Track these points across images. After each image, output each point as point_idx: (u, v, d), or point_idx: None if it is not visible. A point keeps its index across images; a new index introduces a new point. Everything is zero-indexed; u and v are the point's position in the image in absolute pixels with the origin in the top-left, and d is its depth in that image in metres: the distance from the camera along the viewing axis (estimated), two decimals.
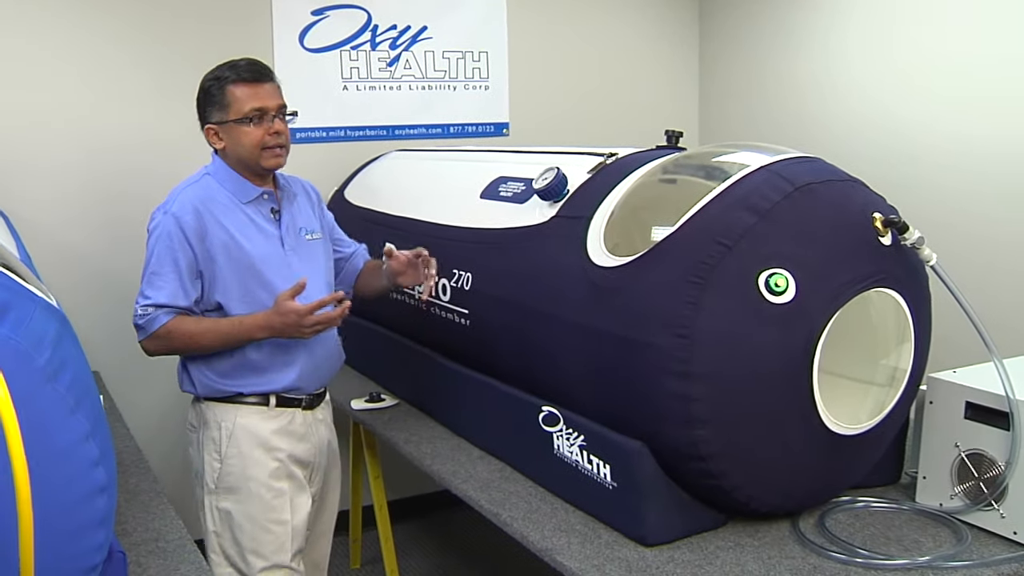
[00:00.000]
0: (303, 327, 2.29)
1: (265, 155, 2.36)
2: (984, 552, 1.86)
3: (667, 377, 1.87)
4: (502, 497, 2.24)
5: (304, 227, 2.51)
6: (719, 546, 1.94)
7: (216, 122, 2.37)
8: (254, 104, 2.33)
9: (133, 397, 3.40)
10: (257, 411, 2.41)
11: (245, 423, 2.40)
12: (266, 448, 2.41)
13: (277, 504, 2.42)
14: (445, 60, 4.05)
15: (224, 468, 2.40)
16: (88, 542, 1.33)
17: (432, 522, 4.13)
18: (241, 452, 2.39)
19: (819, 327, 1.86)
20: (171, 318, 2.30)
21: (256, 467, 2.40)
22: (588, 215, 2.22)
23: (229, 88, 2.34)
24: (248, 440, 2.39)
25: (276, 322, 2.29)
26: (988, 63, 3.16)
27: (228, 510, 2.41)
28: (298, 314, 2.27)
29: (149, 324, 2.30)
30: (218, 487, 2.41)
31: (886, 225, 1.95)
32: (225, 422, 2.40)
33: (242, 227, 2.37)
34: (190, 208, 2.32)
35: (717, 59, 4.49)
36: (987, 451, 1.92)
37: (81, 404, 1.31)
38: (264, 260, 2.37)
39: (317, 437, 2.54)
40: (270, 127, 2.34)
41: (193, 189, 2.37)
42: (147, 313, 2.30)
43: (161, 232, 2.32)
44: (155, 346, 2.34)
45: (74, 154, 3.41)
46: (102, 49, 3.42)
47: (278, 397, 2.43)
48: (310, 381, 2.48)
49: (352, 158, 3.82)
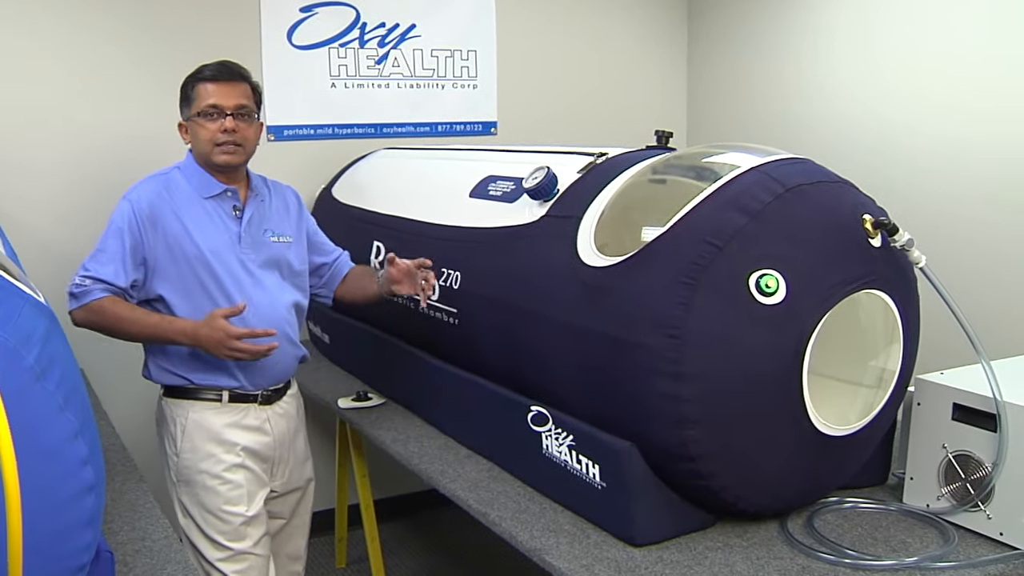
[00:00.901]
0: (224, 347, 2.31)
1: (216, 151, 2.42)
2: (971, 553, 1.87)
3: (657, 377, 1.87)
4: (490, 497, 2.24)
5: (271, 229, 2.56)
6: (708, 546, 1.94)
7: (184, 118, 2.48)
8: (211, 101, 2.41)
9: (119, 396, 3.37)
10: (210, 406, 2.48)
11: (198, 418, 2.47)
12: (218, 442, 2.47)
13: (233, 496, 2.48)
14: (434, 58, 4.05)
15: (180, 462, 2.48)
16: (76, 542, 1.31)
17: (419, 521, 4.12)
18: (194, 447, 2.46)
19: (809, 328, 1.86)
20: (106, 296, 2.35)
21: (208, 460, 2.46)
22: (578, 215, 2.22)
23: (197, 85, 2.44)
24: (200, 435, 2.46)
25: (203, 334, 2.32)
26: (975, 65, 3.18)
27: (188, 501, 2.49)
28: (227, 334, 2.30)
29: (83, 295, 2.35)
30: (178, 480, 2.50)
31: (876, 227, 1.95)
32: (179, 417, 2.48)
33: (197, 220, 2.43)
34: (146, 196, 2.41)
35: (706, 59, 4.50)
36: (974, 452, 1.93)
37: (70, 402, 1.30)
38: (215, 253, 2.42)
39: (277, 431, 2.57)
40: (222, 124, 2.40)
41: (156, 179, 2.47)
42: (84, 285, 2.35)
43: (116, 215, 2.40)
44: (83, 318, 2.37)
45: (61, 152, 3.39)
46: (88, 48, 3.40)
47: (230, 393, 2.48)
48: (257, 381, 2.51)
49: (340, 156, 3.81)
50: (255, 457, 2.53)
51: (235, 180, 2.51)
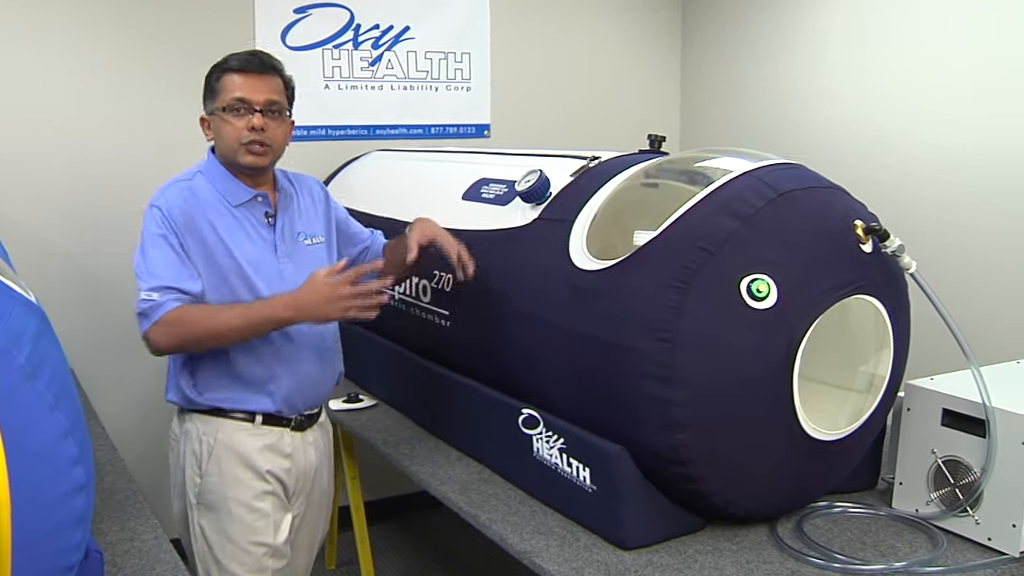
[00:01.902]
0: (338, 299, 2.07)
1: (242, 151, 2.18)
2: (959, 558, 1.88)
3: (648, 381, 1.88)
4: (481, 499, 2.24)
5: (303, 231, 2.33)
6: (698, 550, 1.94)
7: (208, 112, 2.24)
8: (238, 94, 2.17)
9: (108, 395, 3.37)
10: (242, 427, 2.25)
11: (227, 440, 2.24)
12: (249, 466, 2.25)
13: (259, 526, 2.26)
14: (427, 60, 4.05)
15: (204, 484, 2.25)
16: (65, 541, 1.31)
17: (409, 523, 4.12)
18: (221, 470, 2.24)
19: (800, 333, 1.87)
20: (180, 304, 2.07)
21: (237, 487, 2.24)
22: (570, 218, 2.22)
23: (223, 76, 2.20)
24: (230, 458, 2.24)
25: (307, 299, 2.08)
26: (968, 71, 3.19)
27: (208, 527, 2.27)
28: (332, 285, 2.07)
29: (154, 310, 2.05)
30: (199, 502, 2.27)
31: (867, 232, 1.96)
32: (206, 436, 2.24)
33: (230, 230, 2.20)
34: (176, 203, 2.16)
35: (699, 63, 4.51)
36: (963, 458, 1.93)
37: (60, 402, 1.29)
38: (254, 266, 2.20)
39: (304, 461, 2.36)
40: (249, 121, 2.17)
41: (181, 186, 2.21)
42: (150, 299, 2.06)
43: (149, 222, 2.14)
44: (161, 336, 2.07)
45: (54, 152, 3.38)
46: (85, 48, 3.39)
47: (264, 415, 2.27)
48: (294, 402, 2.30)
49: (333, 157, 3.81)
50: (281, 484, 2.31)
51: (263, 182, 2.28)
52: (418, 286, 2.72)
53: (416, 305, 2.75)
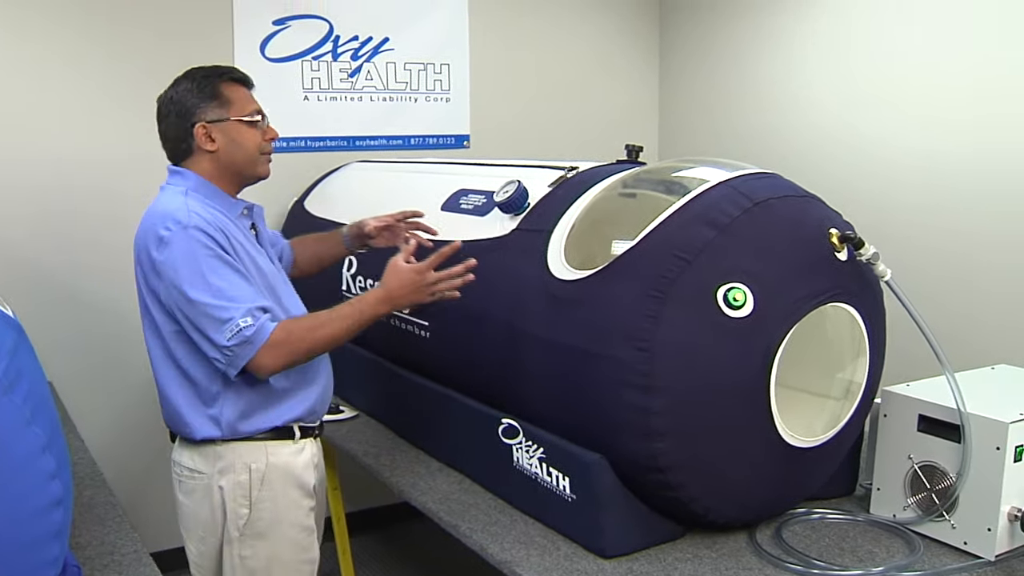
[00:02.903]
0: (427, 285, 2.07)
1: (261, 160, 2.19)
2: (936, 562, 1.89)
3: (626, 390, 1.89)
4: (461, 509, 2.24)
5: (270, 240, 2.39)
6: (677, 557, 1.95)
7: (212, 120, 2.12)
8: (255, 106, 2.18)
9: (88, 408, 3.35)
10: (284, 446, 2.16)
11: (276, 462, 2.14)
12: (299, 485, 2.18)
13: (308, 543, 2.23)
14: (407, 72, 4.06)
15: (254, 514, 2.14)
16: (43, 555, 1.31)
17: (391, 534, 4.11)
18: (275, 495, 2.14)
19: (776, 341, 1.88)
20: (277, 323, 2.01)
21: (292, 509, 2.17)
22: (549, 228, 2.23)
23: (226, 85, 2.15)
24: (283, 480, 2.15)
25: (394, 287, 2.07)
26: (947, 79, 3.22)
27: (253, 555, 2.16)
28: (418, 272, 2.06)
29: (259, 334, 1.97)
30: (243, 534, 2.14)
31: (842, 241, 1.98)
32: (256, 463, 2.12)
33: (245, 242, 2.14)
34: (206, 219, 2.03)
35: (677, 73, 4.53)
36: (939, 463, 1.95)
37: (37, 416, 1.29)
38: (272, 274, 2.19)
39: (322, 465, 2.32)
40: (267, 132, 2.19)
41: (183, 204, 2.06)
42: (248, 325, 1.96)
43: (191, 245, 1.99)
44: (269, 359, 1.99)
45: (31, 166, 3.36)
46: (64, 59, 3.38)
47: (300, 428, 2.19)
48: (325, 402, 2.28)
49: (312, 168, 3.80)
50: (317, 497, 2.26)
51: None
52: None
53: (395, 316, 2.75)
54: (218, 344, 1.98)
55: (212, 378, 2.08)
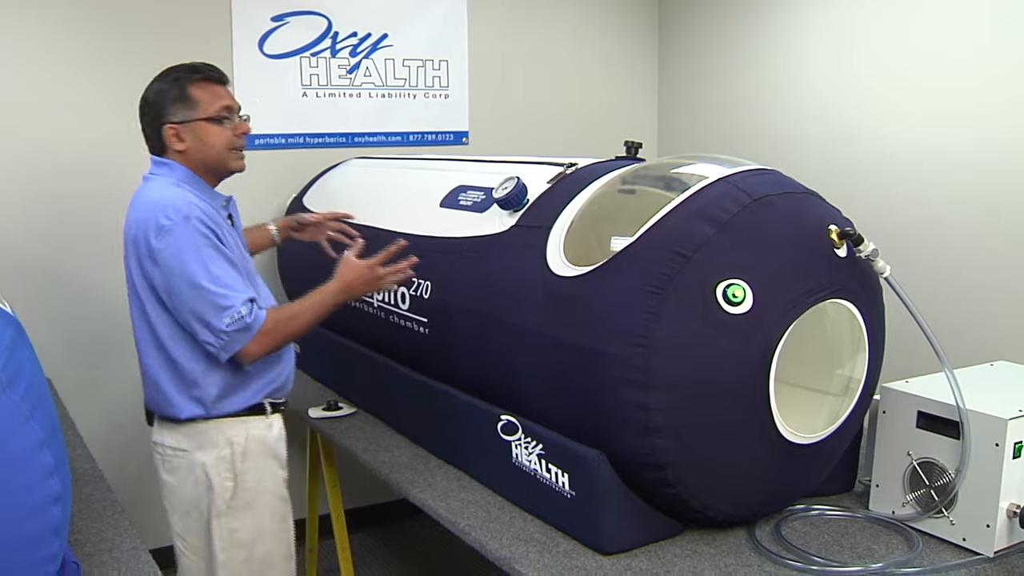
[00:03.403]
0: (377, 278, 2.28)
1: (232, 156, 2.28)
2: (935, 558, 1.89)
3: (625, 386, 1.88)
4: (460, 506, 2.24)
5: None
6: (676, 554, 1.95)
7: (180, 121, 2.22)
8: (226, 103, 2.25)
9: (86, 405, 3.35)
10: (259, 421, 2.32)
11: (255, 436, 2.31)
12: (276, 457, 2.36)
13: (285, 512, 2.40)
14: (405, 68, 4.05)
15: (240, 486, 2.29)
16: (42, 552, 1.31)
17: (390, 531, 4.11)
18: (256, 467, 2.31)
19: (776, 337, 1.88)
20: (264, 311, 2.17)
21: (271, 479, 2.35)
22: (548, 225, 2.23)
23: (193, 85, 2.23)
24: (261, 453, 2.32)
25: (349, 280, 2.26)
26: (946, 75, 3.22)
27: (241, 527, 2.30)
28: (369, 267, 2.27)
29: (254, 324, 2.13)
30: (231, 507, 2.28)
31: (841, 237, 1.97)
32: (237, 438, 2.28)
33: (229, 232, 2.26)
34: (194, 208, 2.14)
35: (676, 70, 4.53)
36: (938, 460, 1.95)
37: (36, 413, 1.29)
38: (248, 263, 2.33)
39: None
40: (237, 128, 2.27)
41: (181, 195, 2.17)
42: (244, 314, 2.11)
43: (190, 236, 2.11)
44: (257, 346, 2.16)
45: (27, 162, 3.36)
46: (57, 53, 3.38)
47: (271, 404, 2.35)
48: (290, 379, 2.43)
49: (311, 165, 3.80)
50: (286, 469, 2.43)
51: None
52: (396, 294, 2.72)
53: (394, 313, 2.75)
54: (216, 329, 2.12)
55: (195, 361, 2.21)
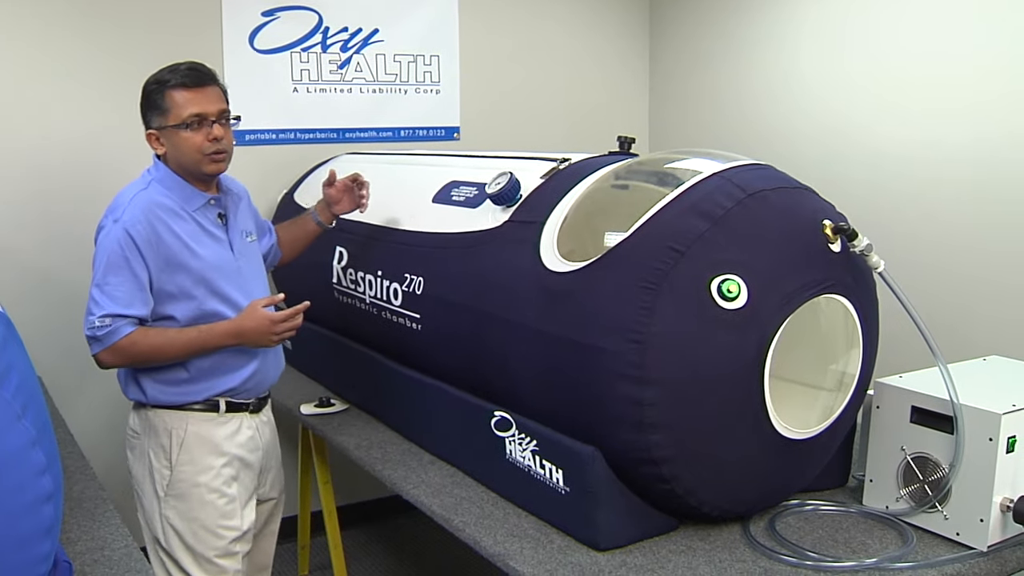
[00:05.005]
0: (272, 334, 2.32)
1: (205, 161, 2.32)
2: (928, 553, 1.90)
3: (620, 382, 1.88)
4: (454, 502, 2.23)
5: (244, 229, 2.51)
6: (671, 550, 1.95)
7: (157, 127, 2.32)
8: (193, 110, 2.28)
9: (76, 402, 3.34)
10: (207, 417, 2.40)
11: (196, 430, 2.37)
12: (218, 454, 2.40)
13: (228, 510, 2.42)
14: (396, 63, 4.04)
15: (175, 475, 2.37)
16: (34, 552, 1.30)
17: (382, 528, 4.11)
18: (193, 459, 2.37)
19: (770, 333, 1.88)
20: (134, 329, 2.23)
21: (207, 473, 2.38)
22: (541, 220, 2.23)
23: (169, 92, 2.29)
24: (202, 448, 2.37)
25: (247, 327, 2.31)
26: (938, 69, 3.21)
27: (177, 516, 2.39)
28: (272, 321, 2.31)
29: (109, 336, 2.22)
30: (168, 494, 2.38)
31: (836, 232, 1.97)
32: (176, 429, 2.37)
33: (194, 234, 2.33)
34: (141, 217, 2.25)
35: (668, 64, 4.52)
36: (932, 454, 1.95)
37: (27, 411, 1.28)
38: (217, 268, 2.34)
39: (264, 439, 2.54)
40: (209, 133, 2.30)
41: (143, 196, 2.30)
42: (105, 324, 2.21)
43: (112, 241, 2.23)
44: (112, 359, 2.26)
45: (16, 158, 3.34)
46: (48, 50, 3.35)
47: (227, 403, 2.41)
48: (259, 385, 2.48)
49: (302, 160, 3.78)
50: (247, 468, 2.48)
51: (212, 186, 2.42)
52: (389, 289, 2.71)
53: (386, 308, 2.75)
54: (85, 327, 2.25)
55: None
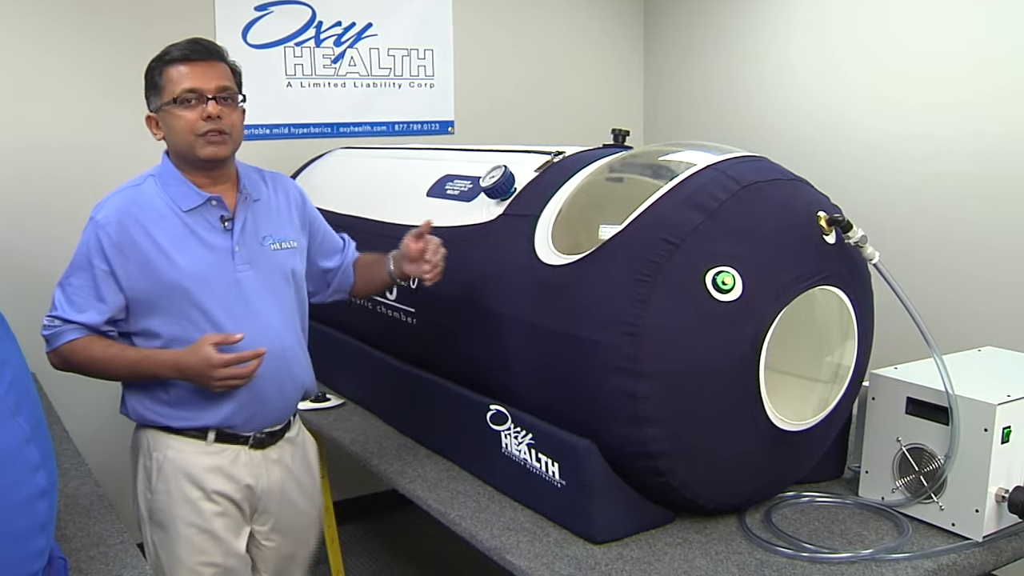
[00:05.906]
0: (212, 379, 2.02)
1: (200, 143, 2.06)
2: (924, 544, 1.90)
3: (615, 375, 1.88)
4: (450, 496, 2.23)
5: (271, 235, 2.21)
6: (667, 543, 1.95)
7: (154, 109, 2.11)
8: (187, 84, 2.04)
9: (71, 399, 3.32)
10: (192, 443, 2.16)
11: (176, 457, 2.15)
12: (197, 486, 2.15)
13: (208, 547, 2.17)
14: (390, 57, 4.03)
15: (154, 501, 2.18)
16: (29, 548, 1.30)
17: (379, 523, 4.11)
18: (169, 488, 2.15)
19: (765, 325, 1.88)
20: (79, 336, 2.08)
21: (185, 507, 2.15)
22: (535, 213, 2.22)
23: (167, 68, 2.07)
24: (178, 477, 2.15)
25: (189, 364, 2.02)
26: (931, 63, 3.22)
27: (159, 543, 2.20)
28: (211, 364, 2.00)
29: (54, 338, 2.10)
30: (150, 519, 2.21)
31: (830, 224, 1.97)
32: (156, 452, 2.17)
33: (175, 239, 2.09)
34: (114, 218, 2.06)
35: (662, 57, 4.52)
36: (927, 445, 1.96)
37: (21, 407, 1.28)
38: (198, 279, 2.08)
39: (268, 480, 2.24)
40: (204, 110, 2.05)
41: (125, 194, 2.12)
42: (54, 325, 2.10)
43: (82, 240, 2.10)
44: (58, 361, 2.14)
45: (11, 153, 3.32)
46: (38, 45, 3.34)
47: (217, 432, 2.16)
48: (250, 420, 2.18)
49: (296, 156, 3.78)
50: (236, 505, 2.21)
51: (221, 181, 2.15)
52: None
53: (381, 303, 2.74)
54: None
55: None
